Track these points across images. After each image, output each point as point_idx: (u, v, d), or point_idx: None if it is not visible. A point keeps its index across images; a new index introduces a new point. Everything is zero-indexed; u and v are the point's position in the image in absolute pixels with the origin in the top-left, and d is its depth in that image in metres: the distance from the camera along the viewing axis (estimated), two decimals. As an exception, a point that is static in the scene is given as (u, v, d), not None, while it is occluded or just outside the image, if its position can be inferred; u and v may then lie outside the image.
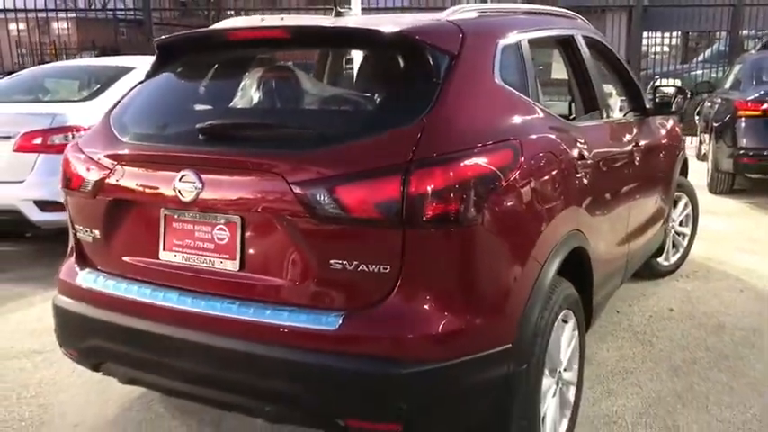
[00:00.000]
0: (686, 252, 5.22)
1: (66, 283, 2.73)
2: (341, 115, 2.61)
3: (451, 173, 2.13)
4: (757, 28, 14.90)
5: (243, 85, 2.75)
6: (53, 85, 6.45)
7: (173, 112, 2.75)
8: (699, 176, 8.31)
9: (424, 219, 2.09)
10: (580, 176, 2.82)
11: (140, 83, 2.87)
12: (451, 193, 2.12)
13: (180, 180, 2.32)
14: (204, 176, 2.30)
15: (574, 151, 2.81)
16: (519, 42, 2.80)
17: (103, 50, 22.05)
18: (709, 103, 9.05)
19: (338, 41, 2.85)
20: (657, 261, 4.93)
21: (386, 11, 12.57)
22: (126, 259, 2.56)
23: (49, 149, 5.20)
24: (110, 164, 2.53)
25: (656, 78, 13.45)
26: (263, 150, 2.30)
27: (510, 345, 2.30)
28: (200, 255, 2.39)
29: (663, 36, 18.83)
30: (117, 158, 2.53)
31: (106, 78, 5.92)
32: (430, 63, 2.36)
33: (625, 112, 4.20)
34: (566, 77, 3.51)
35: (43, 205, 5.18)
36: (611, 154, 3.33)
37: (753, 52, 12.13)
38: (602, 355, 3.79)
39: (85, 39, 28.17)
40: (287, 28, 2.65)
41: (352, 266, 2.14)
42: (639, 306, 4.52)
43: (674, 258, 5.11)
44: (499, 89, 2.55)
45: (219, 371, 2.32)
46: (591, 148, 3.01)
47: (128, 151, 2.53)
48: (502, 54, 2.63)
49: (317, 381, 2.18)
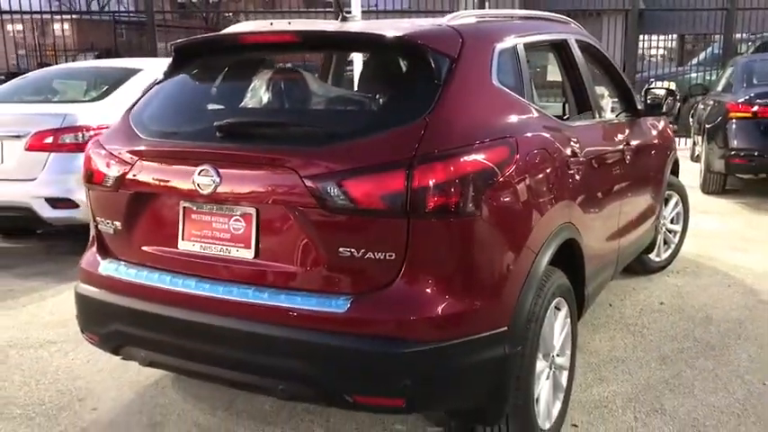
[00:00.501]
0: (677, 249, 5.39)
1: (88, 272, 2.89)
2: (349, 114, 2.78)
3: (452, 167, 2.30)
4: (751, 31, 15.07)
5: (255, 85, 2.92)
6: (62, 86, 6.59)
7: (190, 110, 2.91)
8: (692, 177, 8.51)
9: (426, 210, 2.26)
10: (572, 173, 2.99)
11: (158, 83, 3.03)
12: (452, 186, 2.28)
13: (199, 174, 2.49)
14: (222, 171, 2.46)
15: (566, 149, 2.98)
16: (515, 46, 2.98)
17: (102, 52, 22.24)
18: (703, 106, 9.23)
19: (345, 45, 3.02)
20: (649, 257, 5.10)
21: (386, 14, 12.72)
22: (146, 249, 2.73)
23: (60, 148, 5.36)
24: (131, 159, 2.70)
25: (651, 81, 13.66)
26: (277, 146, 2.47)
27: (506, 328, 2.46)
28: (218, 244, 2.56)
29: (659, 39, 19.05)
30: (138, 154, 2.69)
31: (114, 80, 6.07)
32: (432, 66, 2.53)
33: (617, 112, 4.37)
34: (560, 79, 3.69)
35: (54, 202, 5.35)
36: (602, 152, 3.50)
37: (746, 55, 12.34)
38: (595, 344, 3.97)
39: (84, 40, 28.34)
40: (297, 32, 2.82)
41: (359, 254, 2.30)
42: (631, 300, 4.69)
43: (665, 255, 5.28)
44: (496, 90, 2.72)
45: (235, 352, 2.48)
46: (583, 146, 3.18)
47: (148, 147, 2.69)
48: (499, 57, 2.80)
49: (327, 360, 2.34)
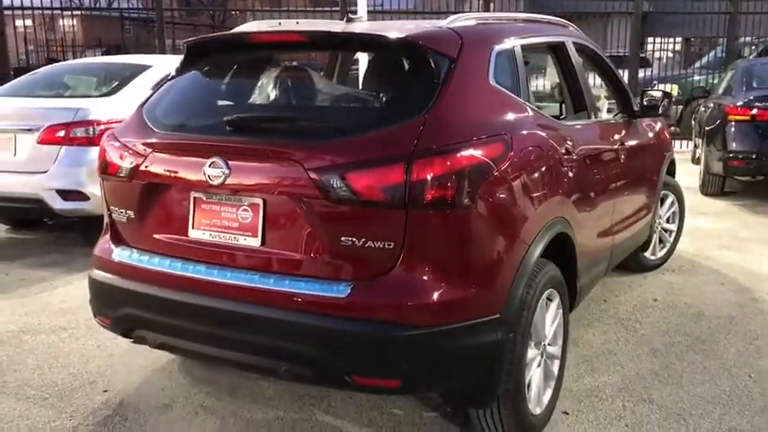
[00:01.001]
0: (673, 247, 5.51)
1: (102, 258, 3.03)
2: (352, 110, 2.92)
3: (449, 162, 2.43)
4: (755, 35, 15.16)
5: (263, 82, 3.06)
6: (74, 81, 6.73)
7: (201, 105, 3.05)
8: (693, 179, 8.63)
9: (423, 202, 2.39)
10: (565, 170, 3.12)
11: (170, 79, 3.17)
12: (448, 180, 2.41)
13: (209, 166, 2.62)
14: (231, 163, 2.60)
15: (560, 147, 3.11)
16: (512, 48, 3.10)
17: (109, 48, 22.40)
18: (703, 108, 9.34)
19: (350, 45, 3.15)
20: (645, 255, 5.23)
21: (391, 15, 12.85)
22: (157, 237, 2.87)
23: (72, 142, 5.50)
24: (144, 151, 2.84)
25: (655, 83, 13.75)
26: (283, 140, 2.60)
27: (498, 315, 2.59)
28: (226, 232, 2.69)
29: (665, 42, 19.12)
30: (151, 147, 2.83)
31: (125, 76, 6.22)
32: (431, 65, 2.66)
33: (614, 113, 4.50)
34: (557, 80, 3.81)
35: (65, 194, 5.49)
36: (595, 151, 3.63)
37: (751, 58, 12.43)
38: (588, 338, 4.09)
39: (92, 36, 28.51)
40: (304, 33, 2.95)
41: (360, 243, 2.44)
42: (626, 296, 4.81)
43: (660, 253, 5.40)
44: (493, 90, 2.85)
45: (241, 334, 2.62)
46: (577, 144, 3.31)
47: (161, 140, 2.83)
48: (496, 58, 2.93)
49: (327, 342, 2.47)
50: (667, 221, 5.43)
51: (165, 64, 6.27)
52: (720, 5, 13.15)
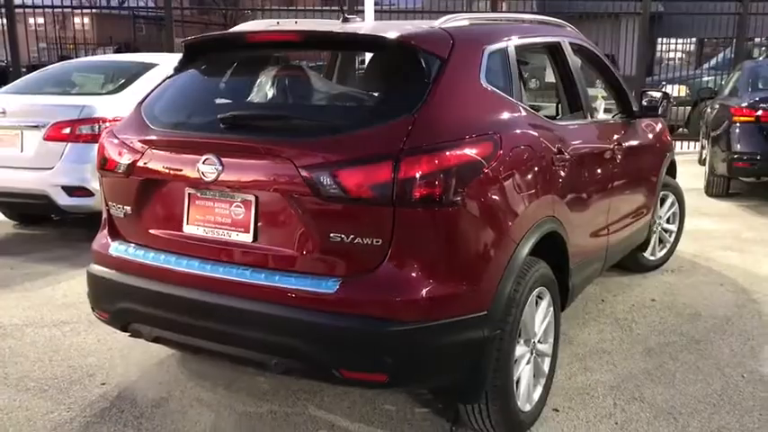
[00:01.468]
0: (672, 248, 5.52)
1: (99, 253, 3.09)
2: (343, 109, 2.96)
3: (436, 161, 2.47)
4: (766, 36, 15.10)
5: (258, 80, 3.10)
6: (81, 78, 6.81)
7: (197, 103, 3.10)
8: (699, 180, 8.63)
9: (411, 199, 2.43)
10: (557, 169, 3.15)
11: (168, 77, 3.22)
12: (436, 178, 2.45)
13: (203, 163, 2.67)
14: (224, 160, 2.64)
15: (552, 147, 3.14)
16: (505, 48, 3.13)
17: (122, 46, 22.57)
18: (710, 109, 9.32)
19: (343, 45, 3.19)
20: (644, 255, 5.24)
21: (398, 14, 12.88)
22: (153, 232, 2.92)
23: (77, 139, 5.58)
24: (141, 148, 2.89)
25: (663, 85, 13.72)
26: (275, 138, 2.65)
27: (486, 312, 2.63)
28: (219, 228, 2.74)
29: (677, 42, 19.05)
30: (148, 143, 2.88)
31: (131, 74, 6.29)
32: (422, 65, 2.70)
33: (613, 114, 4.52)
34: (553, 80, 3.84)
35: (70, 190, 5.57)
36: (589, 151, 3.65)
37: (760, 59, 12.38)
38: (584, 337, 4.12)
39: (104, 35, 28.72)
40: (298, 32, 3.00)
41: (349, 239, 2.48)
42: (624, 296, 4.83)
43: (660, 254, 5.41)
44: (484, 90, 2.88)
45: (233, 328, 2.66)
46: (570, 144, 3.34)
47: (157, 137, 2.88)
48: (488, 59, 2.96)
49: (317, 336, 2.52)
50: (667, 222, 5.44)
51: (171, 62, 6.30)
52: (730, 6, 13.09)
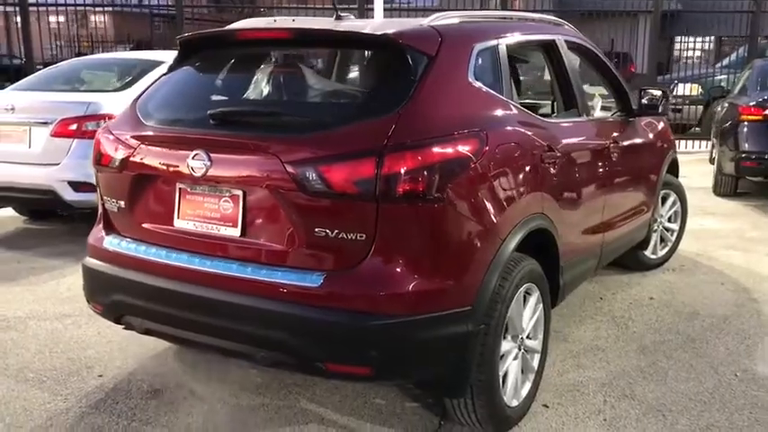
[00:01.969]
0: (674, 247, 5.50)
1: (94, 246, 3.15)
2: (330, 106, 3.00)
3: (420, 157, 2.49)
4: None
5: (249, 77, 3.15)
6: (89, 76, 6.90)
7: (189, 100, 3.15)
8: (708, 179, 8.58)
9: (394, 195, 2.46)
10: (547, 167, 3.16)
11: (164, 74, 3.27)
12: (419, 174, 2.48)
13: (192, 158, 2.72)
14: (213, 155, 2.69)
15: (542, 144, 3.15)
16: (496, 46, 3.15)
17: (138, 44, 22.71)
18: (719, 108, 9.27)
19: (334, 43, 3.22)
20: (645, 254, 5.23)
21: (409, 12, 12.89)
22: (145, 226, 2.97)
23: (84, 135, 5.65)
24: (134, 144, 2.94)
25: (675, 83, 13.64)
26: (262, 134, 2.69)
27: (470, 307, 2.65)
28: (209, 223, 2.79)
29: (695, 41, 18.90)
30: (140, 139, 2.93)
31: (138, 71, 6.36)
32: (409, 63, 2.73)
33: (613, 112, 4.52)
34: (548, 78, 3.85)
35: (76, 186, 5.65)
36: (583, 149, 3.66)
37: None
38: (579, 334, 4.13)
39: (121, 32, 28.93)
40: (289, 30, 3.04)
41: (333, 234, 2.51)
42: (622, 294, 4.83)
43: (661, 252, 5.40)
44: (472, 87, 2.90)
45: (221, 321, 2.71)
46: (561, 142, 3.35)
47: (149, 133, 2.93)
48: (477, 56, 2.98)
49: (301, 330, 2.55)
50: (669, 221, 5.43)
51: (176, 60, 6.39)
52: (743, 4, 12.99)
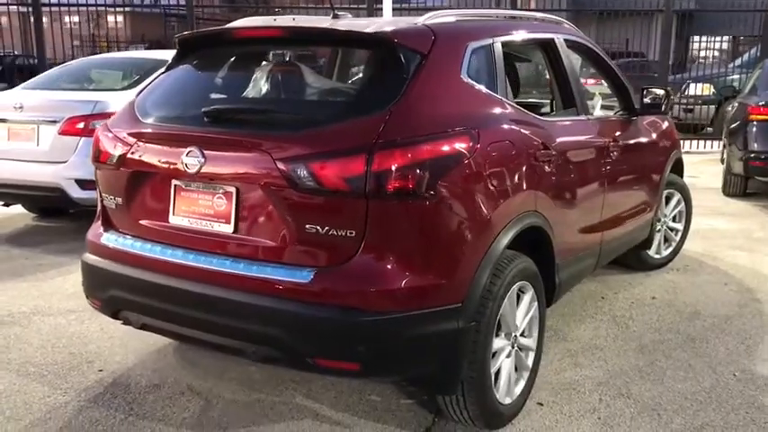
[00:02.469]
0: (678, 247, 5.48)
1: (93, 242, 3.19)
2: (322, 103, 3.02)
3: (410, 154, 2.51)
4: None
5: (245, 75, 3.17)
6: (98, 75, 6.97)
7: (185, 97, 3.18)
8: (719, 179, 8.53)
9: (384, 192, 2.47)
10: (541, 165, 3.16)
11: (162, 73, 3.31)
12: (409, 171, 2.49)
13: (186, 155, 2.75)
14: (207, 152, 2.72)
15: (536, 142, 3.15)
16: (491, 44, 3.15)
17: (152, 44, 22.89)
18: (730, 108, 9.21)
19: (329, 41, 3.25)
20: (648, 254, 5.21)
21: (417, 11, 12.90)
22: (142, 222, 3.00)
23: (91, 133, 5.63)
24: (131, 141, 2.98)
25: (688, 83, 13.56)
26: (254, 131, 2.71)
27: (460, 304, 2.66)
28: (203, 219, 2.81)
29: (710, 40, 18.76)
30: (137, 136, 2.97)
31: (146, 69, 6.41)
32: (402, 61, 2.74)
33: (615, 111, 4.51)
34: (546, 77, 3.85)
35: (83, 184, 5.70)
36: (580, 147, 3.66)
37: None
38: (578, 333, 4.12)
39: (137, 32, 29.21)
40: (284, 28, 3.06)
41: (324, 230, 2.53)
42: (624, 294, 4.82)
43: (665, 252, 5.37)
44: (465, 85, 2.91)
45: (214, 316, 2.73)
46: (558, 140, 3.34)
47: (146, 130, 2.97)
48: (471, 55, 2.99)
49: (292, 325, 2.57)
50: (673, 220, 5.40)
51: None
52: (759, 3, 12.90)
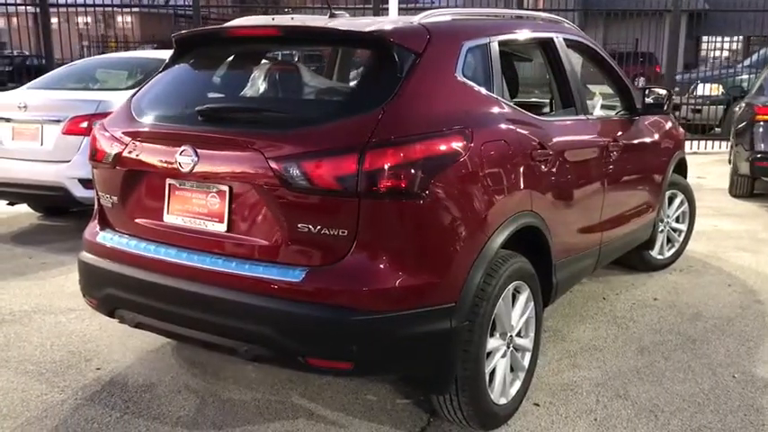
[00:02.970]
0: (682, 248, 5.44)
1: (89, 241, 3.20)
2: (316, 102, 3.02)
3: (402, 153, 2.50)
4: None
5: (240, 74, 3.18)
6: (103, 74, 6.99)
7: (180, 96, 3.18)
8: (726, 180, 8.47)
9: (375, 191, 2.46)
10: (538, 164, 3.15)
11: (159, 72, 3.31)
12: (401, 170, 2.48)
13: (180, 154, 2.75)
14: (200, 151, 2.72)
15: (533, 142, 3.14)
16: (487, 44, 3.14)
17: (162, 44, 22.97)
18: (738, 108, 9.15)
19: (324, 40, 3.24)
20: (651, 254, 5.18)
21: (424, 11, 12.85)
22: (137, 221, 3.01)
23: None
24: (126, 140, 2.98)
25: (697, 83, 13.48)
26: (247, 130, 2.71)
27: (453, 303, 2.65)
28: (197, 218, 2.82)
29: (722, 40, 18.65)
30: (132, 135, 2.98)
31: (150, 69, 6.41)
32: (396, 60, 2.73)
33: (617, 111, 4.49)
34: (545, 76, 3.83)
35: (86, 183, 5.71)
36: (579, 147, 3.64)
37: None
38: (578, 334, 4.10)
39: (147, 33, 29.31)
40: (280, 27, 3.06)
41: (316, 230, 2.53)
42: (626, 294, 4.79)
43: (668, 253, 5.34)
44: (460, 84, 2.90)
45: (207, 315, 2.73)
46: (555, 140, 3.33)
47: (141, 129, 2.97)
48: (467, 54, 2.98)
49: (283, 324, 2.57)
50: (677, 221, 5.37)
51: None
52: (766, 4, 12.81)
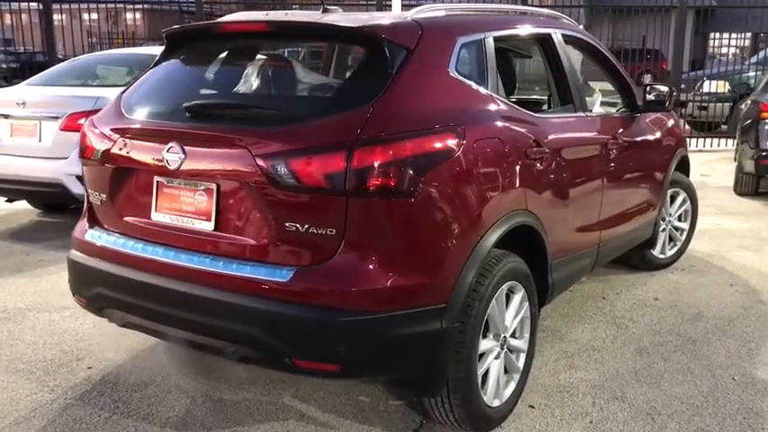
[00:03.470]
0: (684, 246, 5.38)
1: (78, 239, 3.16)
2: (305, 99, 2.96)
3: (391, 151, 2.45)
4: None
5: (230, 70, 3.14)
6: (103, 71, 6.96)
7: (169, 93, 3.13)
8: (731, 178, 8.40)
9: (364, 189, 2.41)
10: (533, 162, 3.09)
11: (149, 68, 3.27)
12: (390, 168, 2.43)
13: (167, 151, 2.71)
14: (187, 148, 2.67)
15: (528, 139, 3.08)
16: (482, 39, 3.08)
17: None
18: (743, 106, 9.06)
19: (315, 35, 3.18)
20: (652, 253, 5.11)
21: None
22: (126, 219, 2.97)
23: None
24: (115, 137, 2.94)
25: (703, 80, 13.37)
26: (234, 127, 2.67)
27: (444, 304, 2.60)
28: (184, 216, 2.77)
29: (730, 37, 18.49)
30: (121, 132, 2.93)
31: (150, 65, 6.39)
32: (387, 55, 2.68)
33: (618, 108, 4.43)
34: (543, 73, 3.77)
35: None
36: (576, 144, 3.58)
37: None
38: (576, 334, 4.04)
39: (153, 29, 29.30)
40: (270, 23, 3.01)
41: (304, 229, 2.48)
42: (626, 294, 4.73)
43: (670, 252, 5.27)
44: (452, 81, 2.84)
45: (193, 315, 2.69)
46: (551, 137, 3.27)
47: (129, 126, 2.93)
48: (460, 50, 2.92)
49: (270, 325, 2.52)
50: (678, 220, 5.30)
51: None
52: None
